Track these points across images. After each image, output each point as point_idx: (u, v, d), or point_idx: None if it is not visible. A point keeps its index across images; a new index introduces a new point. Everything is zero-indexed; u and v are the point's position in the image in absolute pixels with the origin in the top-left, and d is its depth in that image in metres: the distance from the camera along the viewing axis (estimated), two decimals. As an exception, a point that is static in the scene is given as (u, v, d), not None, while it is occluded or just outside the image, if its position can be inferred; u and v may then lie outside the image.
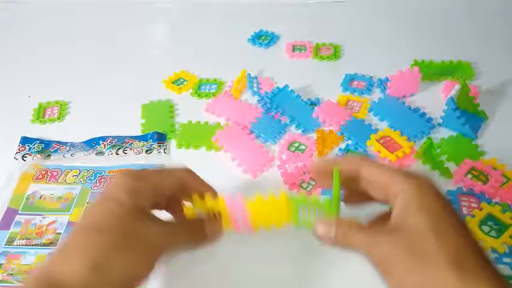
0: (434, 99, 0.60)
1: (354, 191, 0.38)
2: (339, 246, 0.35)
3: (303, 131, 0.56)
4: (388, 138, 0.54)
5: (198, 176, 0.40)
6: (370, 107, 0.59)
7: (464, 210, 0.46)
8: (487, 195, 0.47)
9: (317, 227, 0.36)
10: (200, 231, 0.38)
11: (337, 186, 0.37)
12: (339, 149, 0.54)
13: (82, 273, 0.30)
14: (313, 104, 0.59)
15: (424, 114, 0.57)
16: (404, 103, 0.59)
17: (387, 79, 0.61)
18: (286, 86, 0.61)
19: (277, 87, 0.61)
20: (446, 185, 0.49)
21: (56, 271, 0.30)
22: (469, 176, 0.49)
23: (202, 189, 0.39)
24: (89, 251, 0.31)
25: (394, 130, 0.55)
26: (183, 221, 0.40)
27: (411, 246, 0.30)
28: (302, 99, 0.60)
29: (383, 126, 0.57)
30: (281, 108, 0.58)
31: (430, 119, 0.57)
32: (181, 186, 0.38)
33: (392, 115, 0.57)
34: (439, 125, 0.56)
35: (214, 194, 0.39)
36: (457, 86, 0.53)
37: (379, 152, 0.52)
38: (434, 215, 0.31)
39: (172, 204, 0.40)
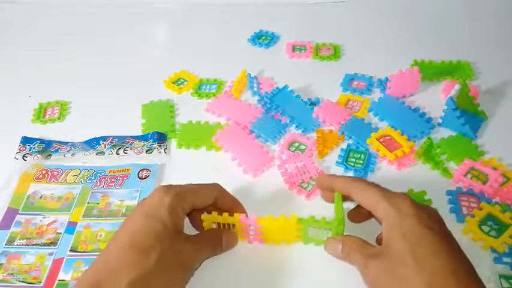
0: (434, 99, 0.60)
1: (357, 210, 0.44)
2: (343, 260, 0.40)
3: (303, 131, 0.56)
4: (388, 137, 0.54)
5: (228, 195, 0.43)
6: (370, 106, 0.59)
7: (464, 210, 0.46)
8: (487, 195, 0.48)
9: (327, 243, 0.42)
10: (219, 242, 0.42)
11: (340, 210, 0.41)
12: (341, 148, 0.54)
13: None
14: (313, 104, 0.59)
15: (424, 114, 0.57)
16: (404, 103, 0.59)
17: (387, 79, 0.61)
18: (286, 86, 0.61)
19: (277, 87, 0.61)
20: (446, 185, 0.49)
21: (104, 285, 0.33)
22: (469, 175, 0.49)
23: (231, 206, 0.43)
24: (133, 270, 0.34)
25: (395, 129, 0.55)
26: (205, 234, 0.43)
27: (394, 271, 0.34)
28: (302, 99, 0.60)
29: (383, 125, 0.57)
30: (281, 108, 0.58)
31: (430, 119, 0.57)
32: (213, 204, 0.42)
33: (392, 115, 0.57)
34: (439, 125, 0.56)
35: (242, 210, 0.44)
36: (457, 86, 0.53)
37: (379, 150, 0.52)
38: (413, 241, 0.34)
39: (193, 212, 0.43)
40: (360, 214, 0.44)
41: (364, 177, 0.50)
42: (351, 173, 0.51)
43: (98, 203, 0.49)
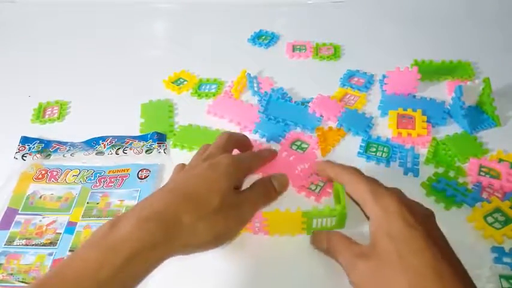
0: (437, 98, 0.60)
1: None
2: (328, 256, 0.41)
3: (304, 130, 0.56)
4: (410, 118, 0.55)
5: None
6: (379, 105, 0.59)
7: (484, 195, 0.47)
8: (508, 191, 0.47)
9: (313, 237, 0.43)
10: (270, 187, 0.44)
11: (342, 193, 0.42)
12: (360, 145, 0.53)
13: (185, 227, 0.36)
14: (304, 103, 0.59)
15: (438, 102, 0.58)
16: (414, 96, 0.60)
17: (384, 76, 0.61)
18: (271, 95, 0.60)
19: (265, 99, 0.59)
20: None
21: (171, 217, 0.36)
22: (482, 174, 0.49)
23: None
24: (196, 212, 0.37)
25: (414, 111, 0.56)
26: (254, 184, 0.44)
27: (380, 271, 0.34)
28: (294, 102, 0.60)
29: (377, 114, 0.58)
30: (280, 117, 0.57)
31: (443, 103, 0.58)
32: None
33: (403, 105, 0.57)
34: (449, 113, 0.57)
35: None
36: (478, 81, 0.54)
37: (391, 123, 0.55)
38: (399, 240, 0.34)
39: None
40: None
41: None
42: (373, 163, 0.52)
43: (97, 203, 0.49)
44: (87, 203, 0.49)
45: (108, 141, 0.55)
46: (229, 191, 0.39)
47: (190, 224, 0.36)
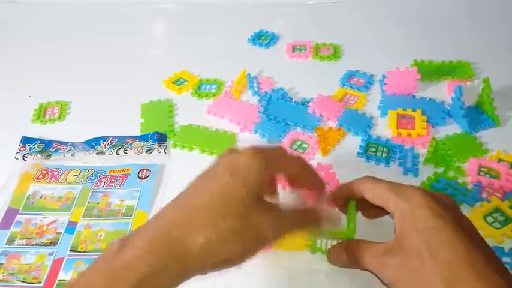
0: (436, 98, 0.60)
1: (370, 206, 0.40)
2: (352, 267, 0.38)
3: (304, 130, 0.56)
4: (410, 118, 0.55)
5: (310, 170, 0.39)
6: (379, 105, 0.59)
7: (484, 195, 0.47)
8: (508, 191, 0.48)
9: (330, 254, 0.40)
10: (313, 217, 0.38)
11: (353, 218, 0.40)
12: (360, 145, 0.53)
13: (196, 248, 0.31)
14: (304, 103, 0.59)
15: (437, 102, 0.58)
16: (414, 96, 0.60)
17: (384, 76, 0.61)
18: (271, 95, 0.60)
19: (265, 99, 0.59)
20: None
21: (180, 237, 0.32)
22: (481, 174, 0.49)
23: (311, 182, 0.39)
24: (208, 230, 0.32)
25: (414, 111, 0.56)
26: (296, 210, 0.38)
27: (410, 266, 0.32)
28: (294, 102, 0.60)
29: (377, 115, 0.58)
30: (280, 117, 0.57)
31: (443, 103, 0.58)
32: (296, 178, 0.38)
33: (403, 105, 0.57)
34: (448, 113, 0.57)
35: (322, 186, 0.40)
36: (477, 82, 0.55)
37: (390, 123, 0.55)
38: (427, 233, 0.33)
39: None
40: (372, 210, 0.41)
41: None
42: (372, 163, 0.52)
43: (98, 203, 0.49)
44: (88, 202, 0.49)
45: (109, 141, 0.55)
46: (250, 204, 0.33)
47: (203, 244, 0.32)
